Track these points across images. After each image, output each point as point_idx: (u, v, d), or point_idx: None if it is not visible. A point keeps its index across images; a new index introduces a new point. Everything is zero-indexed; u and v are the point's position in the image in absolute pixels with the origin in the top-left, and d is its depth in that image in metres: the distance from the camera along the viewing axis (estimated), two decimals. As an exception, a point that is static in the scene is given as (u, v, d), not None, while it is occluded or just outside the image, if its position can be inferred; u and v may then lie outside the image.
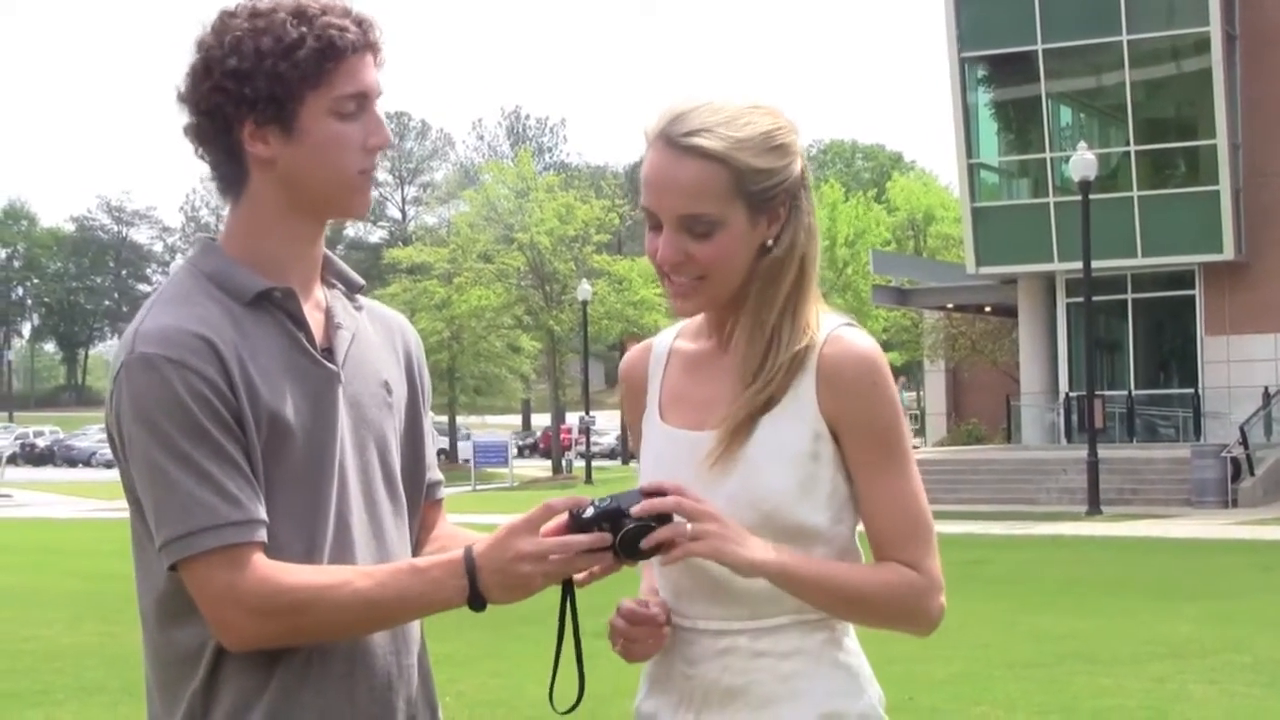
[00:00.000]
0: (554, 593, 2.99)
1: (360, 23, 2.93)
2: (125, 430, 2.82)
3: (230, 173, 2.95)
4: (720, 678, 2.98)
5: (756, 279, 2.99)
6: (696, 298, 2.99)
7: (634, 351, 3.27)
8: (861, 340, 2.99)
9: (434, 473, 3.29)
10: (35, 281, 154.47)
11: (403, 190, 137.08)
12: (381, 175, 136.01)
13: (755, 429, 2.94)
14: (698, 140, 2.90)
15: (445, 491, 3.37)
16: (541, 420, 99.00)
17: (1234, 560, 23.99)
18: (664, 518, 2.79)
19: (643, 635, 3.01)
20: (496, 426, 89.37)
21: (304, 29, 2.86)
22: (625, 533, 2.78)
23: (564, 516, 2.82)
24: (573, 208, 73.09)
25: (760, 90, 3.11)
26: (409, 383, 3.21)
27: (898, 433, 2.99)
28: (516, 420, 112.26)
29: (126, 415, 2.81)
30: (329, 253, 3.12)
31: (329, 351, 3.00)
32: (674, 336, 3.21)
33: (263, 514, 2.81)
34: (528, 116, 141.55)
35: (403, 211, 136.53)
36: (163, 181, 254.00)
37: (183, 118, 2.95)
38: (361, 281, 3.18)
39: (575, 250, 72.84)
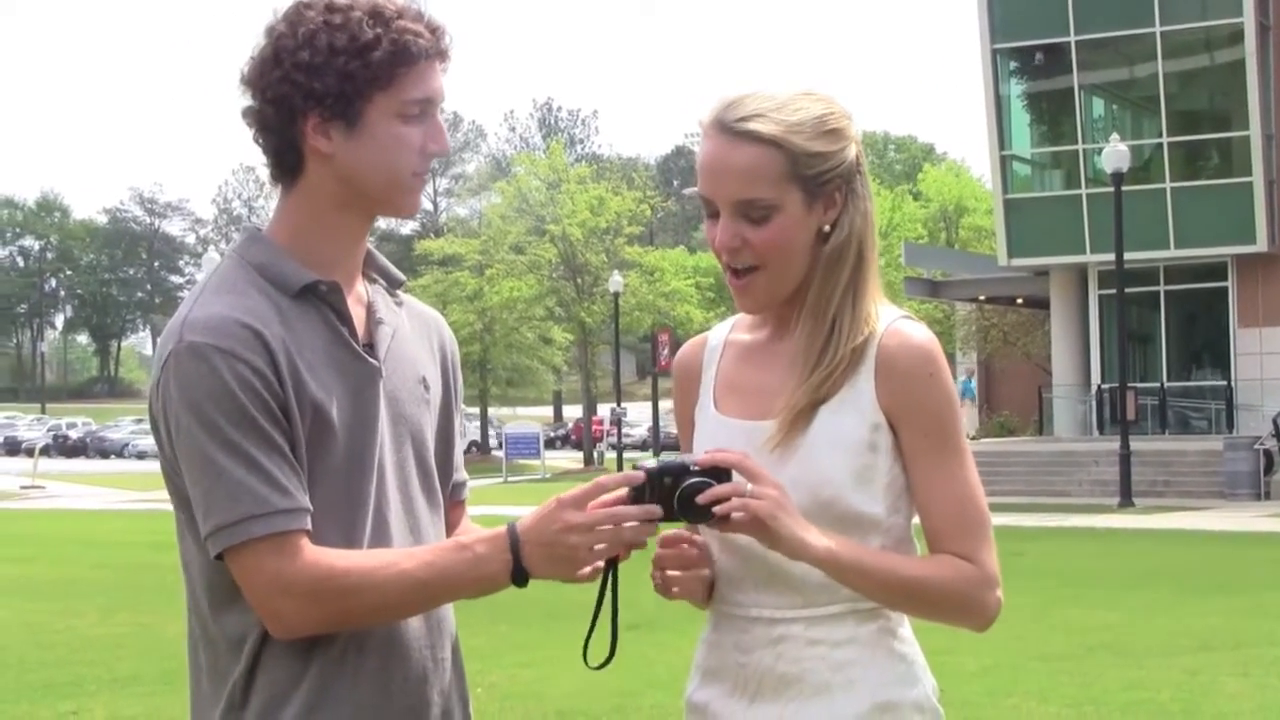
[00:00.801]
0: (587, 587, 3.00)
1: (434, 30, 2.97)
2: (172, 418, 2.83)
3: (287, 161, 2.97)
4: (774, 665, 2.99)
5: (817, 268, 3.00)
6: (758, 294, 3.01)
7: (689, 345, 3.30)
8: (919, 332, 3.01)
9: (460, 473, 3.31)
10: (68, 273, 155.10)
11: (434, 182, 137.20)
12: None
13: (814, 418, 2.95)
14: (752, 125, 2.93)
15: (476, 484, 3.39)
16: (573, 412, 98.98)
17: (1266, 553, 23.92)
18: (725, 478, 2.80)
19: (680, 563, 3.00)
20: (528, 418, 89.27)
21: (379, 30, 2.88)
22: (686, 487, 2.78)
23: (621, 491, 2.81)
24: (604, 199, 73.06)
25: (792, 82, 3.13)
26: (444, 381, 3.23)
27: (953, 424, 3.01)
28: (548, 412, 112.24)
29: (174, 403, 2.82)
30: (372, 248, 3.13)
31: (370, 347, 3.02)
32: (729, 329, 3.23)
33: (308, 502, 2.83)
34: (559, 108, 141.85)
35: (434, 203, 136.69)
36: (195, 173, 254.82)
37: (243, 100, 2.96)
38: (403, 278, 3.21)
39: (607, 242, 72.81)
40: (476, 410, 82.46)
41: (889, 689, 2.98)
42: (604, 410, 76.87)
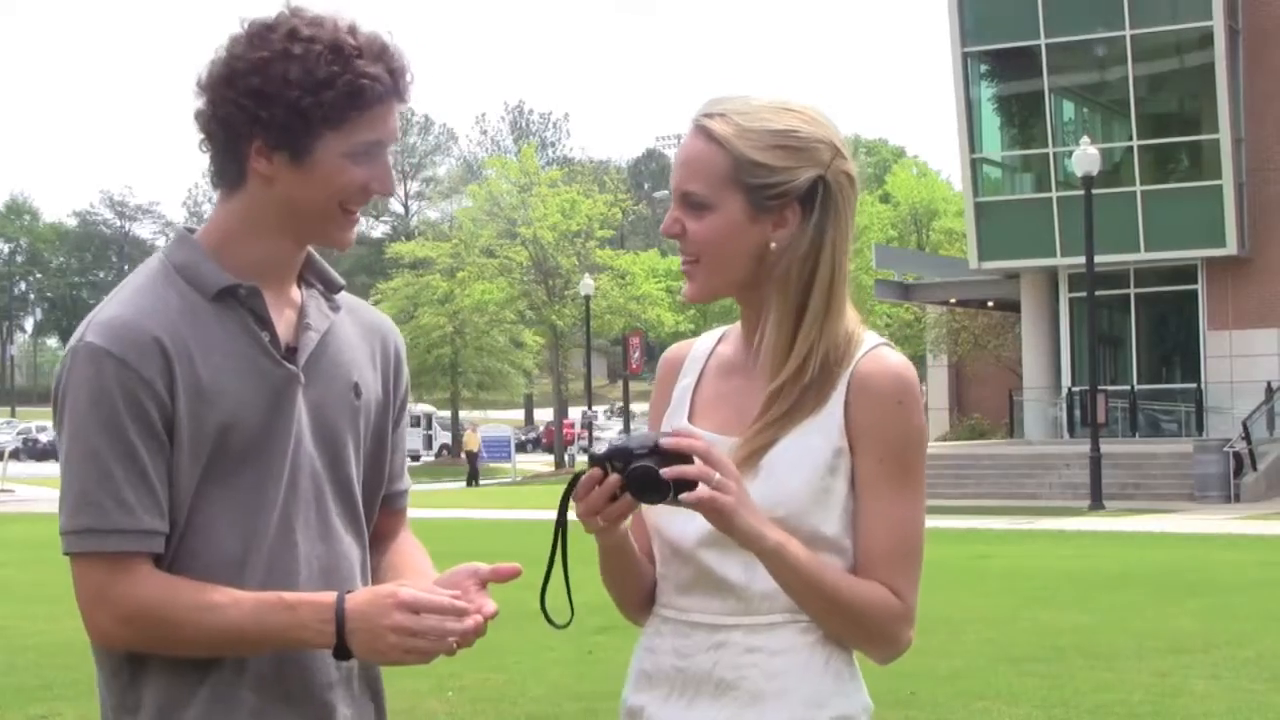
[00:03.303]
0: (559, 594, 2.99)
1: (394, 71, 2.93)
2: (59, 412, 2.87)
3: (228, 173, 2.95)
4: (712, 671, 2.98)
5: (768, 284, 3.00)
6: (695, 282, 3.03)
7: (675, 347, 3.30)
8: (897, 359, 3.00)
9: (398, 482, 3.28)
10: (38, 276, 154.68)
11: (405, 185, 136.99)
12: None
13: (780, 438, 2.95)
14: (707, 123, 2.97)
15: (446, 487, 3.36)
16: (544, 415, 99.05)
17: (1236, 555, 24.00)
18: (670, 461, 2.78)
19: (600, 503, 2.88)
20: (499, 421, 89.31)
21: (336, 69, 2.84)
22: (633, 469, 2.77)
23: (596, 471, 2.81)
24: (576, 203, 73.16)
25: (763, 85, 3.14)
26: (384, 387, 3.19)
27: (913, 457, 2.98)
28: (519, 415, 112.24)
29: (63, 398, 2.85)
30: (313, 252, 3.10)
31: (294, 352, 2.99)
32: (717, 340, 3.22)
33: (157, 525, 2.83)
34: (531, 111, 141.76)
35: (405, 206, 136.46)
36: (165, 176, 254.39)
37: (197, 103, 2.94)
38: (341, 283, 3.16)
39: (578, 245, 72.89)
40: (448, 414, 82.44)
41: (822, 701, 2.97)
42: (575, 413, 76.87)
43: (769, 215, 2.96)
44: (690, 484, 2.77)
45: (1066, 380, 47.63)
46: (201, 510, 2.88)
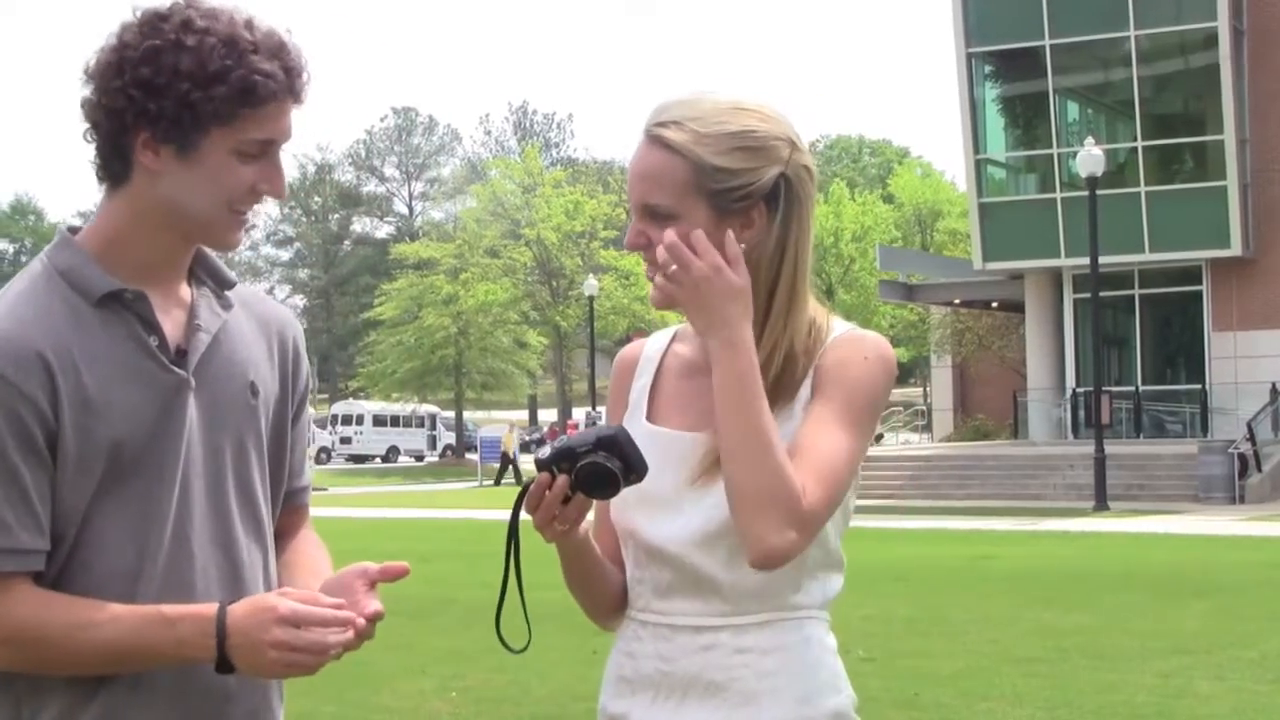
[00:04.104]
0: (559, 590, 2.98)
1: (289, 70, 2.83)
2: None
3: (113, 167, 2.87)
4: (701, 673, 2.96)
5: None
6: (665, 290, 2.95)
7: (628, 348, 3.27)
8: (871, 333, 3.01)
9: (299, 479, 3.21)
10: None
11: (409, 186, 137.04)
12: (389, 170, 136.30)
13: None
14: (662, 132, 2.91)
15: (452, 487, 3.31)
16: (548, 416, 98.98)
17: (1241, 556, 23.97)
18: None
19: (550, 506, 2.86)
20: (503, 422, 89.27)
21: (229, 63, 2.76)
22: (581, 466, 2.76)
23: (545, 475, 2.79)
24: (580, 203, 73.27)
25: (767, 86, 3.13)
26: (281, 383, 3.12)
27: (863, 403, 2.92)
28: (523, 415, 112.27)
29: None
30: (203, 248, 3.01)
31: (184, 354, 2.92)
32: (670, 339, 3.20)
33: (37, 544, 2.76)
34: (535, 112, 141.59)
35: (409, 207, 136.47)
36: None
37: (84, 91, 2.84)
38: (233, 280, 3.07)
39: (582, 246, 72.99)
40: (452, 414, 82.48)
41: (812, 697, 2.97)
42: (579, 414, 76.84)
43: (735, 218, 2.92)
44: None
45: (1071, 381, 47.63)
46: (93, 522, 2.81)
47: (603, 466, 2.76)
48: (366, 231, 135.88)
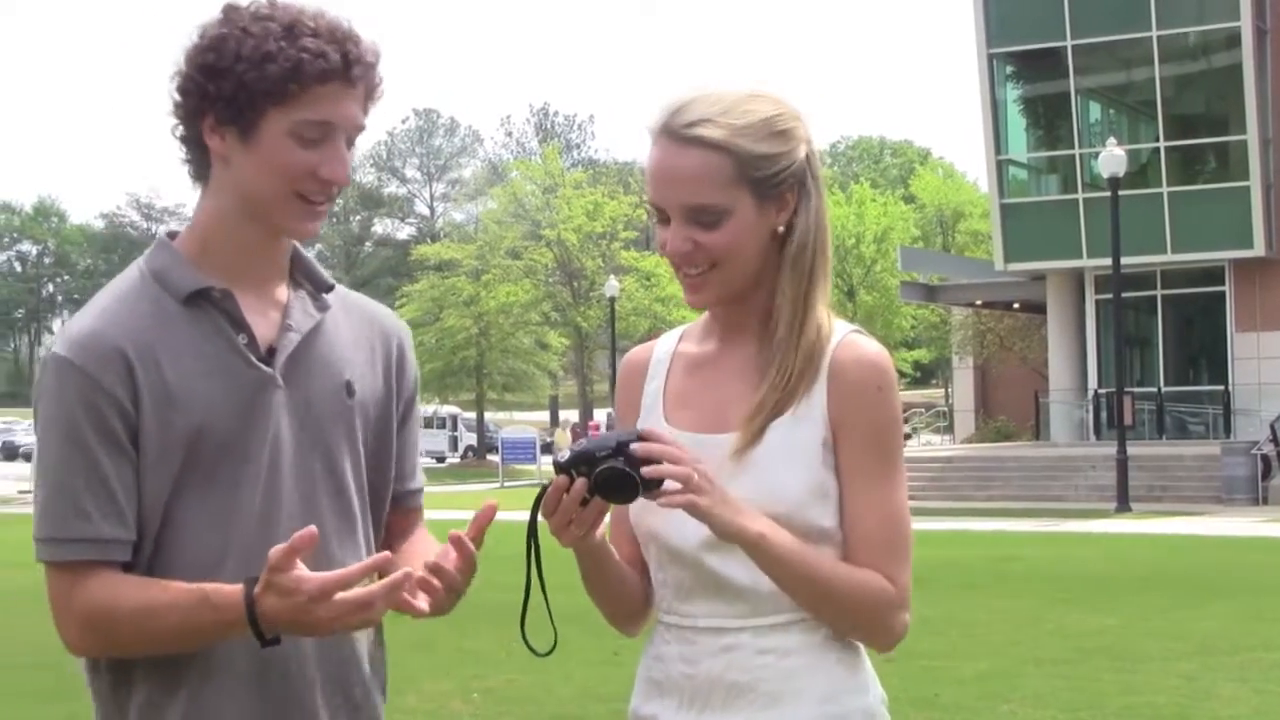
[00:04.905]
0: (580, 593, 2.98)
1: (346, 54, 2.89)
2: (35, 420, 2.90)
3: (195, 159, 2.96)
4: (724, 675, 2.96)
5: (769, 269, 2.98)
6: (709, 289, 2.98)
7: (635, 351, 3.26)
8: (872, 345, 3.00)
9: (409, 481, 3.23)
10: (65, 278, 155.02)
11: (431, 187, 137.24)
12: (410, 172, 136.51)
13: (771, 430, 2.93)
14: (699, 130, 2.90)
15: (472, 489, 3.31)
16: (569, 417, 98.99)
17: (1264, 558, 23.91)
18: (640, 459, 2.77)
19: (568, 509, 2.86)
20: (524, 423, 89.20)
21: (283, 44, 2.83)
22: (600, 471, 2.76)
23: (563, 478, 2.79)
24: (600, 204, 73.21)
25: (788, 87, 3.10)
26: (386, 384, 3.15)
27: (894, 442, 2.99)
28: (544, 417, 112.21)
29: (35, 409, 2.89)
30: (301, 250, 3.08)
31: (274, 352, 2.96)
32: (677, 340, 3.20)
33: (118, 534, 2.82)
34: (556, 113, 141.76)
35: (431, 208, 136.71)
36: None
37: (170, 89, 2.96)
38: (330, 283, 3.12)
39: (603, 246, 72.93)
40: (473, 415, 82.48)
41: (838, 697, 2.96)
42: (600, 415, 76.84)
43: (773, 203, 2.95)
44: (659, 478, 2.77)
45: (1093, 382, 47.57)
46: (177, 514, 2.87)
47: (621, 471, 2.76)
48: (388, 233, 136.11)
